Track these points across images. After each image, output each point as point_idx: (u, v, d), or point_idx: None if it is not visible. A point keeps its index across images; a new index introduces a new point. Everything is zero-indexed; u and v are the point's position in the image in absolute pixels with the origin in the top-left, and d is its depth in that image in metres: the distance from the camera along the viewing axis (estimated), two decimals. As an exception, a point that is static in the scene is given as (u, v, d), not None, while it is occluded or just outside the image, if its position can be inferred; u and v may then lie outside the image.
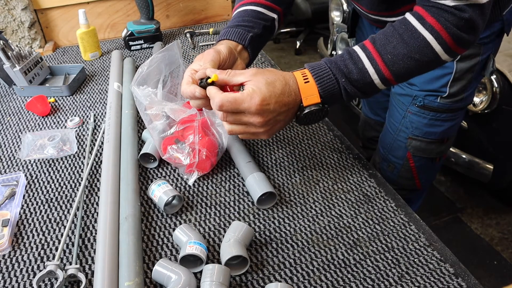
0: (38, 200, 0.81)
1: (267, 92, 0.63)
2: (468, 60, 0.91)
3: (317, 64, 0.68)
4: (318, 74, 0.67)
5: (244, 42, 0.80)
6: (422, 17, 0.65)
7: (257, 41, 0.82)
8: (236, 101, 0.63)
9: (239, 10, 0.85)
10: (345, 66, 0.67)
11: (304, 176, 0.86)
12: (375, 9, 0.90)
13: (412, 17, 0.66)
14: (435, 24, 0.64)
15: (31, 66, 1.15)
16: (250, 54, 0.82)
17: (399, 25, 0.67)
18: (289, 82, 0.66)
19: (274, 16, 0.85)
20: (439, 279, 0.65)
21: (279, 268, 0.67)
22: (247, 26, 0.81)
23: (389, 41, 0.66)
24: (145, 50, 1.41)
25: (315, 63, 0.69)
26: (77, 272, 0.64)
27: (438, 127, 0.99)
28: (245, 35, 0.80)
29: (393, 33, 0.66)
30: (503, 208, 1.94)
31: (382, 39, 0.67)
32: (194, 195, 0.81)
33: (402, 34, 0.66)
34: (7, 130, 1.02)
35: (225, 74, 0.67)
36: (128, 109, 1.00)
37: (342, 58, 0.68)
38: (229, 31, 0.80)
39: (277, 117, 0.66)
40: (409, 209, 0.78)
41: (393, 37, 0.66)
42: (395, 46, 0.66)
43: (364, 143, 1.48)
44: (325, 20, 3.12)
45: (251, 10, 0.83)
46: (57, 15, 1.42)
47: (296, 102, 0.67)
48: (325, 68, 0.67)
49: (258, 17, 0.83)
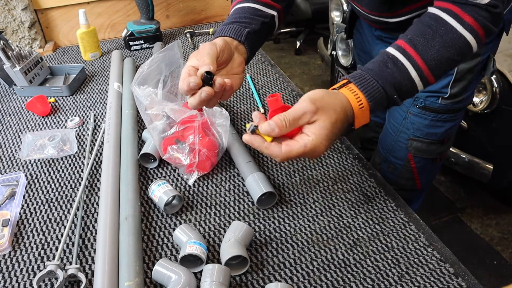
0: (38, 200, 0.81)
1: (332, 135, 0.59)
2: (469, 61, 0.91)
3: (366, 81, 0.63)
4: (370, 93, 0.63)
5: (240, 38, 0.76)
6: (459, 16, 0.63)
7: (255, 37, 0.79)
8: (301, 155, 0.59)
9: (236, 8, 0.82)
10: (396, 82, 0.63)
11: (304, 176, 0.86)
12: (376, 10, 0.89)
13: (448, 16, 0.64)
14: (473, 23, 0.62)
15: (31, 66, 1.15)
16: (248, 49, 0.78)
17: (437, 26, 0.64)
18: (347, 113, 0.62)
19: (273, 13, 0.84)
20: (439, 279, 0.65)
21: (279, 268, 0.67)
22: (243, 22, 0.78)
23: (431, 45, 0.64)
24: (145, 50, 1.41)
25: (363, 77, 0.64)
26: (77, 272, 0.64)
27: (439, 128, 0.99)
28: (241, 31, 0.77)
29: (434, 36, 0.64)
30: (503, 208, 1.94)
31: (423, 43, 0.64)
32: (194, 195, 0.81)
33: (443, 36, 0.63)
34: (7, 130, 1.02)
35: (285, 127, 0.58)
36: (128, 109, 1.00)
37: (388, 69, 0.64)
38: (225, 28, 0.77)
39: None
40: (409, 209, 0.78)
41: (434, 40, 0.64)
42: (438, 50, 0.63)
43: (362, 144, 1.48)
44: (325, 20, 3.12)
45: (248, 7, 0.81)
46: (57, 15, 1.42)
47: (347, 124, 0.63)
48: (377, 87, 0.63)
49: (256, 13, 0.81)
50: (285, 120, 0.58)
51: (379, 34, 1.01)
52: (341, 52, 2.15)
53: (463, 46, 0.64)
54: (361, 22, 1.11)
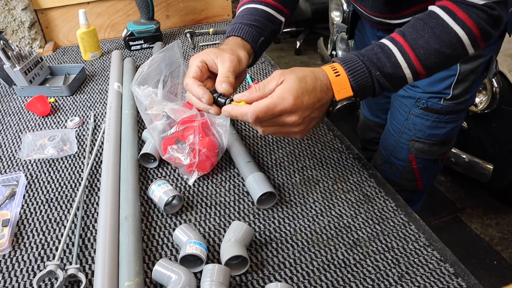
0: (38, 200, 0.81)
1: (299, 89, 0.60)
2: (471, 62, 0.91)
3: (347, 57, 0.65)
4: (350, 67, 0.64)
5: (255, 46, 0.77)
6: (453, 12, 0.63)
7: (263, 46, 0.80)
8: (269, 108, 0.60)
9: (249, 7, 0.81)
10: (377, 60, 0.64)
11: (304, 176, 0.86)
12: (379, 11, 0.89)
13: (442, 11, 0.64)
14: (466, 19, 0.63)
15: (31, 66, 1.15)
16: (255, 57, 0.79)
17: (429, 19, 0.65)
18: (320, 76, 0.63)
19: (282, 19, 0.83)
20: (439, 279, 0.65)
21: (279, 268, 0.67)
22: (259, 27, 0.78)
23: (420, 35, 0.64)
24: (145, 50, 1.41)
25: (345, 56, 0.66)
26: (77, 272, 0.64)
27: (441, 129, 0.99)
28: (257, 38, 0.77)
29: (424, 27, 0.65)
30: (503, 208, 1.94)
31: (413, 33, 0.65)
32: (194, 195, 0.81)
33: (434, 28, 0.64)
34: (7, 130, 1.02)
35: (256, 92, 0.63)
36: (128, 109, 1.00)
37: (373, 51, 0.65)
38: (244, 28, 0.76)
39: (312, 114, 0.63)
40: (409, 209, 0.78)
41: (424, 31, 0.64)
42: (427, 40, 0.64)
43: (363, 145, 1.48)
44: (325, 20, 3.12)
45: (261, 10, 0.80)
46: (57, 15, 1.42)
47: (328, 96, 0.64)
48: (357, 61, 0.64)
49: (268, 18, 0.80)
50: (256, 86, 0.63)
51: (381, 35, 1.01)
52: (341, 52, 2.16)
53: (453, 41, 0.64)
54: (362, 23, 1.11)
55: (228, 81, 0.66)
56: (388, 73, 0.65)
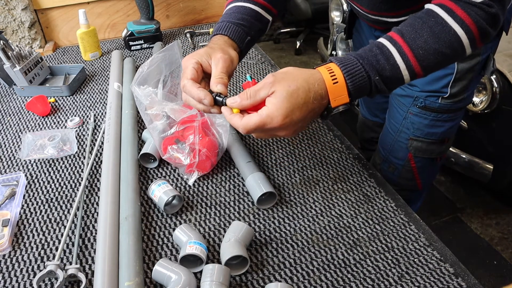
0: (38, 200, 0.81)
1: (289, 106, 0.59)
2: (469, 60, 0.91)
3: (347, 60, 0.63)
4: (349, 71, 0.62)
5: (241, 45, 0.76)
6: (452, 10, 0.63)
7: (249, 45, 0.79)
8: (259, 126, 0.60)
9: (237, 5, 0.80)
10: (377, 62, 0.63)
11: (304, 176, 0.86)
12: (376, 9, 0.89)
13: (440, 10, 0.64)
14: (465, 18, 0.62)
15: (31, 66, 1.15)
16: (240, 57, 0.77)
17: (427, 17, 0.64)
18: (314, 87, 0.61)
19: (270, 18, 0.82)
20: (439, 279, 0.65)
21: (279, 268, 0.67)
22: (246, 26, 0.77)
23: (419, 35, 0.63)
24: (145, 50, 1.41)
25: (344, 57, 0.63)
26: (77, 272, 0.64)
27: (439, 128, 0.99)
28: (244, 37, 0.76)
29: (422, 26, 0.63)
30: (503, 208, 1.94)
31: (411, 32, 0.64)
32: (194, 195, 0.81)
33: (432, 27, 0.63)
34: (7, 130, 1.02)
35: (247, 99, 0.61)
36: (128, 109, 1.00)
37: (372, 52, 0.64)
38: (231, 27, 0.76)
39: (302, 123, 0.63)
40: (409, 209, 0.78)
41: (422, 30, 0.63)
42: (426, 40, 0.63)
43: (362, 144, 1.48)
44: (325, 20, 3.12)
45: (250, 9, 0.79)
46: (57, 15, 1.42)
47: (322, 104, 0.62)
48: (356, 64, 0.62)
49: (256, 17, 0.80)
50: (247, 93, 0.61)
51: (379, 35, 1.01)
52: (341, 52, 2.15)
53: (453, 40, 0.63)
54: (360, 23, 1.11)
55: (223, 82, 0.66)
56: (387, 76, 0.64)
